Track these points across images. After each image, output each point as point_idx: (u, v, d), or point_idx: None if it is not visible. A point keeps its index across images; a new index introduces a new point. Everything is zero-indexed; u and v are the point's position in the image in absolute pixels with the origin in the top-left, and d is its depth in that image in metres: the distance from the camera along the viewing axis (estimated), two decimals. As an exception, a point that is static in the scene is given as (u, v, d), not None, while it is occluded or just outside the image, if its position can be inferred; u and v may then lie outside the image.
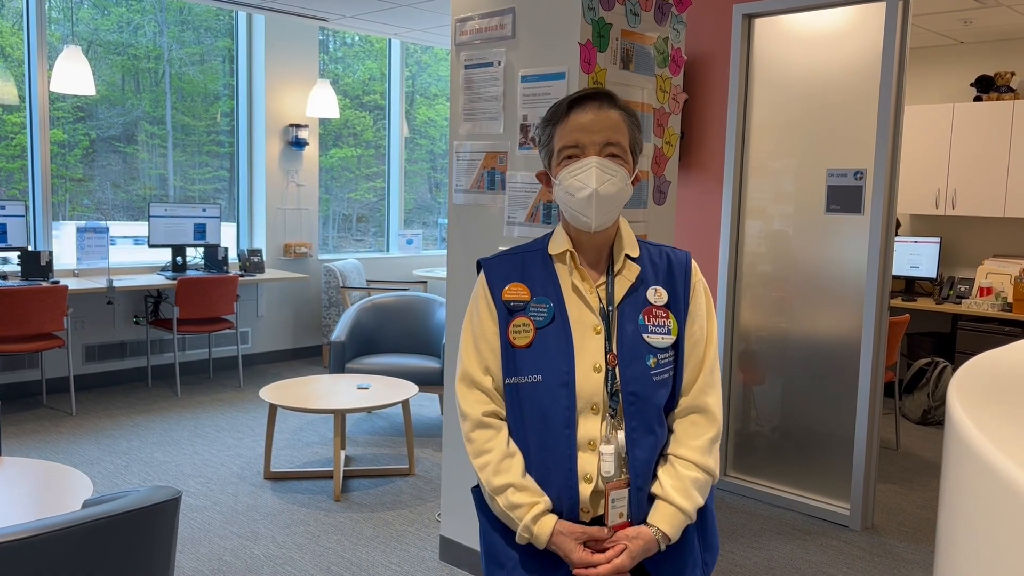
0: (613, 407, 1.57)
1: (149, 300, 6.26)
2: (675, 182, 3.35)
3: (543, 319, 1.60)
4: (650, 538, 1.56)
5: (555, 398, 1.57)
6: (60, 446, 4.80)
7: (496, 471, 1.60)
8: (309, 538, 3.67)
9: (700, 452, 1.60)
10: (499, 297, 1.64)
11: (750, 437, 4.39)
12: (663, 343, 1.60)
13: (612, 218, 1.60)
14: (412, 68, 8.28)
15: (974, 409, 0.74)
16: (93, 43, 6.17)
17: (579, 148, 1.57)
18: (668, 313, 1.62)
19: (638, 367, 1.58)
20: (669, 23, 3.22)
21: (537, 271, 1.65)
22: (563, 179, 1.58)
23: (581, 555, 1.55)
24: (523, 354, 1.60)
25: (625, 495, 1.57)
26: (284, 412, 5.61)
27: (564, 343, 1.59)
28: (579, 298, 1.62)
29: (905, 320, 4.96)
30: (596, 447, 1.57)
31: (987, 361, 0.94)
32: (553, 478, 1.59)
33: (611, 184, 1.56)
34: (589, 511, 1.59)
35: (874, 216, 3.83)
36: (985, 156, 6.09)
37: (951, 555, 0.70)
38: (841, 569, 3.51)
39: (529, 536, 1.57)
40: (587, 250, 1.65)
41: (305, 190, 7.26)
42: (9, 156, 5.82)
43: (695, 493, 1.58)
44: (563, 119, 1.59)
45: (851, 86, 3.93)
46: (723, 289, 4.35)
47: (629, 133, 1.61)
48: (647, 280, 1.64)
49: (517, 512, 1.57)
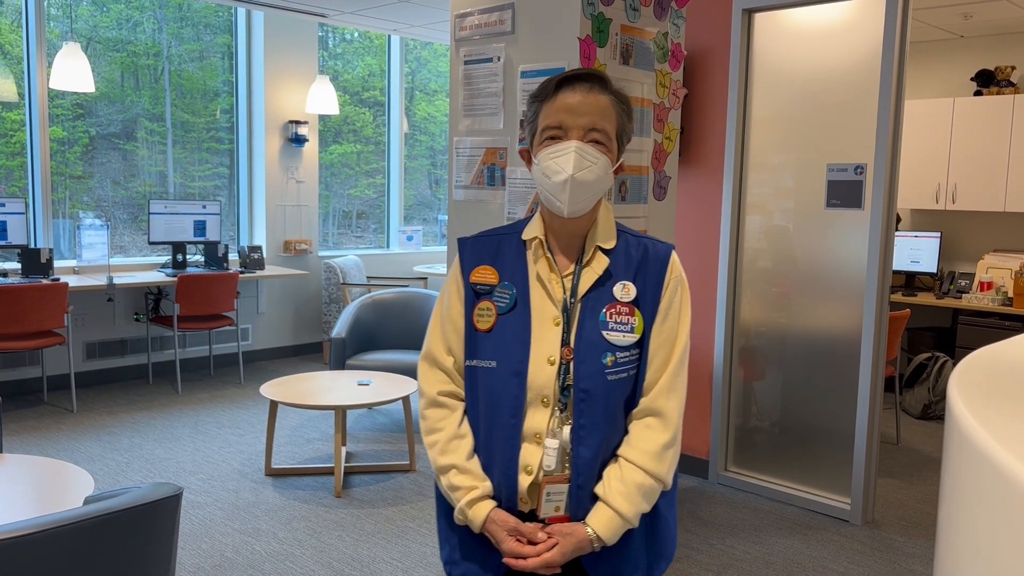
0: (563, 401, 1.53)
1: (149, 297, 6.26)
2: (675, 177, 3.35)
3: (505, 305, 1.57)
4: (584, 537, 1.51)
5: (506, 386, 1.54)
6: (61, 443, 4.80)
7: (443, 451, 1.59)
8: (310, 534, 3.67)
9: (651, 457, 1.54)
10: (468, 279, 1.61)
11: (750, 432, 4.39)
12: (624, 341, 1.54)
13: (587, 206, 1.54)
14: (412, 64, 8.27)
15: (975, 403, 0.74)
16: (92, 40, 6.17)
17: (562, 130, 1.51)
18: (633, 310, 1.55)
19: (593, 364, 1.52)
20: (669, 18, 3.21)
21: (509, 256, 1.61)
22: (542, 160, 1.53)
23: (511, 545, 1.53)
24: (483, 338, 1.57)
25: (563, 490, 1.53)
26: (285, 408, 5.61)
27: (522, 332, 1.55)
28: (542, 287, 1.57)
29: (905, 315, 4.96)
30: (541, 440, 1.54)
31: (988, 355, 0.94)
32: (495, 465, 1.57)
33: (589, 171, 1.50)
34: (527, 502, 1.57)
35: (874, 211, 3.83)
36: (985, 151, 6.09)
37: (952, 549, 0.70)
38: (841, 563, 3.52)
39: (464, 519, 1.56)
40: (560, 236, 1.60)
41: (305, 187, 7.25)
42: (9, 153, 5.82)
43: (639, 499, 1.53)
44: (550, 97, 1.54)
45: (851, 81, 3.92)
46: (723, 284, 4.35)
47: (617, 120, 1.55)
48: (616, 274, 1.57)
49: (456, 494, 1.56)
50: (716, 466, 4.43)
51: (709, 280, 4.42)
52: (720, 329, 4.37)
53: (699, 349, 4.49)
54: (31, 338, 5.21)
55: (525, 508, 1.57)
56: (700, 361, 4.50)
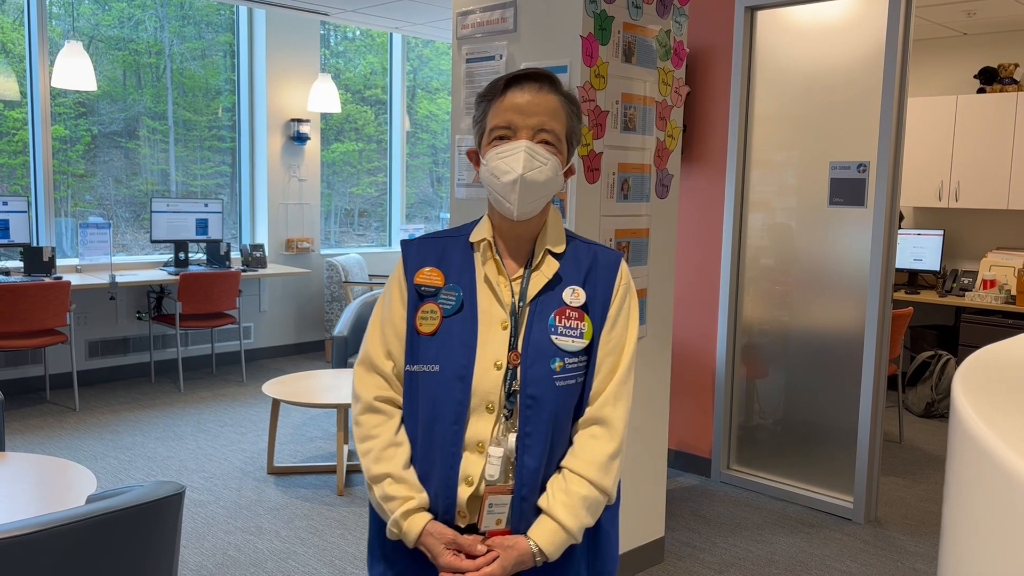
0: (509, 408, 1.48)
1: (151, 295, 6.26)
2: (677, 175, 3.35)
3: (451, 307, 1.52)
4: (526, 551, 1.45)
5: (449, 391, 1.48)
6: (63, 441, 4.80)
7: (377, 459, 1.51)
8: (313, 532, 3.67)
9: (597, 469, 1.48)
10: (412, 281, 1.55)
11: (753, 430, 4.38)
12: (573, 347, 1.50)
13: (537, 208, 1.50)
14: (413, 62, 8.26)
15: (979, 401, 0.73)
16: (94, 38, 6.17)
17: (511, 130, 1.47)
18: (583, 316, 1.51)
19: (540, 369, 1.48)
20: (671, 16, 3.20)
21: (456, 258, 1.56)
22: (490, 160, 1.48)
23: (449, 559, 1.45)
24: (426, 342, 1.51)
25: (506, 501, 1.47)
26: (287, 407, 5.61)
27: (468, 335, 1.50)
28: (490, 290, 1.53)
29: (908, 313, 4.95)
30: (484, 449, 1.48)
31: (992, 354, 0.94)
32: (433, 475, 1.50)
33: (539, 172, 1.46)
34: (466, 516, 1.50)
35: (877, 209, 3.82)
36: (989, 148, 6.07)
37: (956, 547, 0.70)
38: (844, 562, 3.51)
39: (398, 531, 1.49)
40: (509, 239, 1.55)
41: (307, 185, 7.25)
42: (11, 152, 5.82)
43: (583, 513, 1.47)
44: (499, 96, 1.49)
45: (854, 78, 3.91)
46: (726, 282, 4.35)
47: (567, 121, 1.51)
48: (567, 279, 1.53)
49: (390, 504, 1.49)
50: (719, 464, 4.43)
51: (711, 278, 4.42)
52: (722, 327, 4.37)
53: (701, 347, 4.49)
54: (33, 336, 5.22)
55: (463, 522, 1.51)
56: (702, 359, 4.49)
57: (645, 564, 3.41)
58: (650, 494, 3.42)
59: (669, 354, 3.41)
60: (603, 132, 2.96)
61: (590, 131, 2.91)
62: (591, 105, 2.91)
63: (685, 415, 4.57)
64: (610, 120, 2.99)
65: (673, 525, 3.85)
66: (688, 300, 4.52)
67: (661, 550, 3.48)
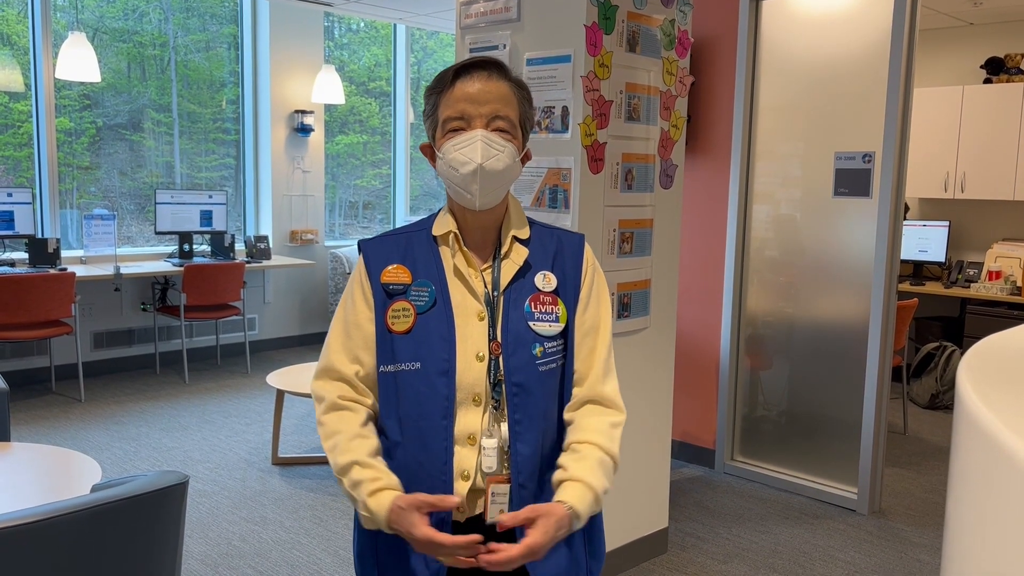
0: (496, 398, 1.47)
1: (156, 287, 6.27)
2: (682, 166, 3.34)
3: (424, 303, 1.49)
4: (562, 513, 1.38)
5: (433, 387, 1.46)
6: (69, 432, 4.82)
7: (344, 450, 1.45)
8: (317, 523, 3.68)
9: (603, 436, 1.48)
10: (377, 280, 1.52)
11: (757, 421, 4.38)
12: (550, 331, 1.50)
13: (499, 196, 1.49)
14: (418, 54, 8.25)
15: (985, 390, 0.73)
16: (98, 30, 6.16)
17: (464, 120, 1.45)
18: (556, 300, 1.52)
19: (523, 356, 1.47)
20: (676, 5, 3.19)
21: (421, 253, 1.53)
22: (446, 152, 1.46)
23: (424, 530, 1.35)
24: (402, 340, 1.48)
25: (505, 491, 1.46)
26: (291, 398, 5.62)
27: (445, 329, 1.48)
28: (462, 282, 1.51)
29: (913, 304, 4.94)
30: (476, 442, 1.46)
31: (998, 342, 0.93)
32: (426, 474, 1.46)
33: (498, 160, 1.44)
34: (465, 511, 1.48)
35: (882, 200, 3.81)
36: (995, 139, 6.04)
37: (960, 537, 0.69)
38: (848, 553, 3.51)
39: (370, 516, 1.41)
40: (472, 231, 1.54)
41: (311, 177, 7.25)
42: (16, 144, 5.83)
43: (601, 475, 1.44)
44: (448, 88, 1.47)
45: (859, 68, 3.89)
46: (730, 273, 4.34)
47: (519, 107, 1.49)
48: (536, 264, 1.53)
49: (358, 491, 1.42)
50: (722, 455, 4.43)
51: (716, 269, 4.41)
52: (727, 318, 4.36)
53: (705, 338, 4.48)
54: (39, 328, 5.23)
55: (461, 518, 1.49)
56: (706, 350, 4.49)
57: (649, 555, 3.42)
58: (654, 485, 3.42)
59: (673, 345, 3.41)
60: (607, 122, 2.95)
61: (594, 121, 2.90)
62: (595, 95, 2.90)
63: (689, 406, 4.57)
64: (614, 110, 2.98)
65: (677, 516, 3.85)
66: (692, 291, 4.51)
67: (665, 541, 3.49)
